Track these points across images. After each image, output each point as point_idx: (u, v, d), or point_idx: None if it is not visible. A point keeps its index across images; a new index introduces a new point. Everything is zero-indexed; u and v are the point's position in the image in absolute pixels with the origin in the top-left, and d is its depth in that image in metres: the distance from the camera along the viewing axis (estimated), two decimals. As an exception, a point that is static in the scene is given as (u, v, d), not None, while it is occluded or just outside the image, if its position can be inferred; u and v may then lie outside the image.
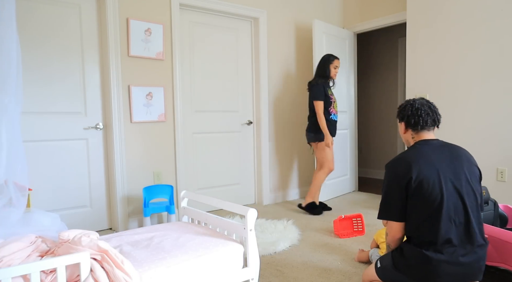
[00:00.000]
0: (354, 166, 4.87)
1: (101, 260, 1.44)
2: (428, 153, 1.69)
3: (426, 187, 1.61)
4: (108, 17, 3.09)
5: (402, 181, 1.65)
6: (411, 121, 1.79)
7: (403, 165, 1.67)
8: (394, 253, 1.75)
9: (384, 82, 5.77)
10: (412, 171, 1.63)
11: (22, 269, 1.27)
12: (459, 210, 1.62)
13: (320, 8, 4.57)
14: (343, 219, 3.03)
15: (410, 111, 1.79)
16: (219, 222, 2.12)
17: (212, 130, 3.88)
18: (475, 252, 1.61)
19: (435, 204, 1.60)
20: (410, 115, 1.79)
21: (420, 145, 1.74)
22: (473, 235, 1.62)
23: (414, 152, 1.71)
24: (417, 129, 1.79)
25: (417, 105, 1.78)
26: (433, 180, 1.62)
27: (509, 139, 3.09)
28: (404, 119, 1.82)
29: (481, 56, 3.22)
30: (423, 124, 1.77)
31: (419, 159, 1.66)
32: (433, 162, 1.66)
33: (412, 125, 1.79)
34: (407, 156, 1.70)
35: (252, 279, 1.93)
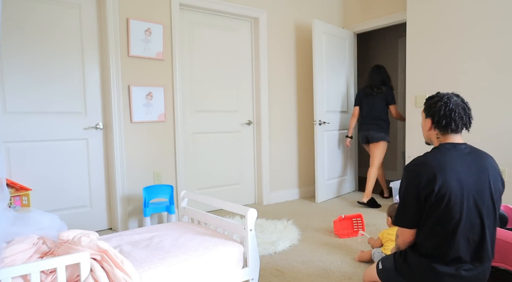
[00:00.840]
0: (354, 166, 4.87)
1: (101, 260, 1.45)
2: (455, 162, 1.53)
3: (447, 202, 1.48)
4: (108, 17, 3.09)
5: (422, 191, 1.51)
6: (442, 123, 1.58)
7: (427, 174, 1.50)
8: (397, 258, 1.69)
9: (384, 82, 5.77)
10: (436, 183, 1.48)
11: (22, 269, 1.27)
12: (476, 229, 1.52)
13: (320, 8, 4.57)
14: (343, 219, 3.03)
15: (442, 110, 1.58)
16: (219, 222, 2.12)
17: (212, 130, 3.88)
18: (482, 267, 1.56)
19: (453, 221, 1.49)
20: (442, 116, 1.58)
21: (447, 150, 1.57)
22: (485, 253, 1.54)
23: (441, 158, 1.54)
24: (446, 132, 1.60)
25: (451, 106, 1.57)
26: (455, 196, 1.48)
27: (509, 139, 3.09)
28: (433, 118, 1.61)
29: (481, 56, 3.22)
30: (454, 128, 1.58)
31: (446, 169, 1.50)
32: (459, 174, 1.50)
33: (441, 127, 1.59)
34: (433, 161, 1.53)
35: (252, 279, 1.94)
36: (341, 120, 4.58)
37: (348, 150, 4.74)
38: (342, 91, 4.59)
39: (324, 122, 4.23)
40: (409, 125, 3.77)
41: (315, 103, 4.14)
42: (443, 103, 1.59)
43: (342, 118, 4.60)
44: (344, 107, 4.63)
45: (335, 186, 4.48)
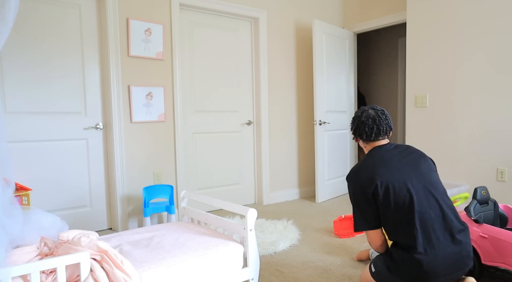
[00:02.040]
0: (354, 166, 4.87)
1: (100, 260, 1.45)
2: (384, 158, 1.75)
3: (393, 190, 1.64)
4: (108, 17, 3.09)
5: (368, 190, 1.68)
6: (357, 133, 1.88)
7: (365, 175, 1.71)
8: (385, 257, 1.76)
9: (384, 82, 5.77)
10: (376, 178, 1.67)
11: (22, 269, 1.27)
12: (432, 203, 1.65)
13: (320, 8, 4.57)
14: (343, 219, 3.03)
15: (356, 123, 1.88)
16: (219, 222, 2.12)
17: (212, 130, 3.88)
18: (459, 241, 1.64)
19: (406, 204, 1.63)
20: (356, 129, 1.87)
21: (374, 152, 1.81)
22: (450, 223, 1.64)
23: (371, 159, 1.76)
24: (366, 140, 1.87)
25: (363, 119, 1.85)
26: (398, 182, 1.66)
27: (509, 139, 3.09)
28: (352, 130, 1.92)
29: (482, 55, 3.22)
30: (368, 138, 1.84)
31: (379, 166, 1.71)
32: (391, 165, 1.71)
33: (360, 137, 1.88)
34: (366, 164, 1.75)
35: (252, 279, 1.93)
36: (341, 120, 4.58)
37: (348, 150, 4.74)
38: (342, 91, 4.59)
39: (324, 122, 4.23)
40: (409, 125, 3.77)
41: (315, 103, 4.14)
42: (357, 117, 1.89)
43: (342, 118, 4.60)
44: (344, 107, 4.63)
45: (335, 186, 4.48)
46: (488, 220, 2.19)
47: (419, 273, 1.62)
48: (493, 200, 2.24)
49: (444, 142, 3.47)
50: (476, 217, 2.07)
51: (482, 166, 3.24)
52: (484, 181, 3.21)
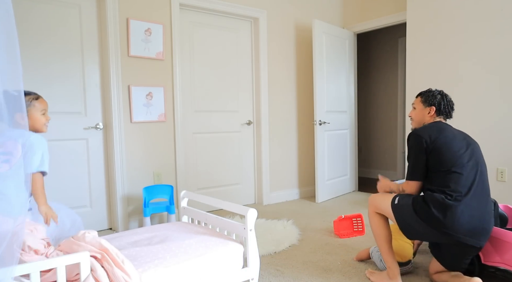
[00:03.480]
0: (354, 166, 4.87)
1: (101, 259, 1.45)
2: (450, 128, 2.01)
3: (456, 143, 1.91)
4: (108, 17, 3.09)
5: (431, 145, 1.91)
6: (445, 110, 2.08)
7: (432, 133, 1.95)
8: (415, 197, 1.93)
9: (384, 82, 5.77)
10: (444, 130, 1.95)
11: (22, 269, 1.27)
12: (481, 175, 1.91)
13: (320, 8, 4.57)
14: (343, 219, 3.03)
15: (444, 101, 2.08)
16: (219, 222, 2.12)
17: (212, 130, 3.88)
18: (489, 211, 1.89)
19: (464, 159, 1.87)
20: (446, 105, 2.07)
21: (443, 122, 2.06)
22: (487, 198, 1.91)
23: (438, 124, 2.02)
24: (446, 117, 2.09)
25: (449, 98, 2.09)
26: (460, 143, 1.92)
27: (509, 139, 3.09)
28: (437, 106, 2.07)
29: (482, 55, 3.22)
30: (450, 115, 2.10)
31: (445, 129, 1.98)
32: (456, 133, 1.98)
33: (443, 113, 2.08)
34: (433, 126, 2.01)
35: (252, 279, 1.93)
36: (341, 120, 4.58)
37: (348, 150, 4.74)
38: (342, 91, 4.59)
39: (324, 122, 4.23)
40: (409, 125, 3.77)
41: (315, 103, 4.14)
42: (443, 96, 2.10)
43: (342, 118, 4.60)
44: (344, 107, 4.63)
45: (335, 186, 4.48)
46: (488, 220, 2.18)
47: (443, 221, 1.80)
48: (493, 200, 2.24)
49: (444, 142, 3.46)
50: (476, 217, 2.07)
51: (482, 166, 3.23)
52: (484, 181, 3.20)
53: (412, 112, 2.20)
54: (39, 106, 1.85)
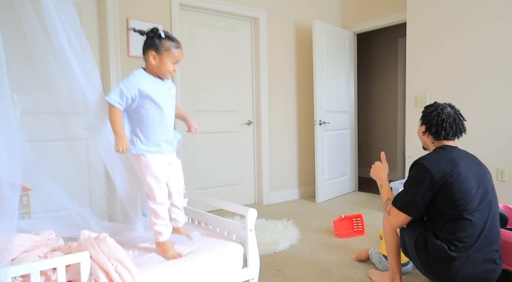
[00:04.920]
0: (354, 166, 4.87)
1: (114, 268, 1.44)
2: (460, 156, 1.72)
3: (466, 185, 1.63)
4: (108, 17, 3.09)
5: (440, 181, 1.64)
6: (432, 130, 1.81)
7: (445, 162, 1.67)
8: (418, 238, 1.73)
9: (384, 82, 5.77)
10: (457, 167, 1.65)
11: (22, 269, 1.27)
12: (492, 213, 1.68)
13: (320, 8, 4.57)
14: (343, 219, 3.02)
15: (435, 119, 1.79)
16: (219, 222, 2.12)
17: (212, 130, 3.88)
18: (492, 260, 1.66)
19: (474, 203, 1.63)
20: (434, 124, 1.79)
21: (449, 149, 1.77)
22: (493, 244, 1.67)
23: (448, 154, 1.73)
24: (439, 138, 1.82)
25: (443, 116, 1.77)
26: (471, 182, 1.65)
27: (509, 139, 3.09)
28: (427, 125, 1.83)
29: (481, 55, 3.22)
30: (445, 136, 1.79)
31: (456, 160, 1.68)
32: (466, 165, 1.69)
33: (434, 134, 1.82)
34: (443, 156, 1.72)
35: (252, 279, 1.93)
36: (341, 120, 4.58)
37: (348, 150, 4.74)
38: (342, 91, 4.59)
39: (324, 122, 4.23)
40: (409, 125, 3.77)
41: (315, 103, 4.14)
42: (436, 113, 1.80)
43: (342, 118, 4.60)
44: (344, 107, 4.63)
45: (335, 186, 4.48)
46: (488, 220, 2.18)
47: (439, 271, 1.64)
48: (493, 200, 2.24)
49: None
50: (476, 217, 2.07)
51: (482, 166, 3.23)
52: (484, 181, 3.20)
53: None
54: (175, 54, 1.92)
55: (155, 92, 1.83)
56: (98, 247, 1.45)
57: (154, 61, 1.87)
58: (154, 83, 1.87)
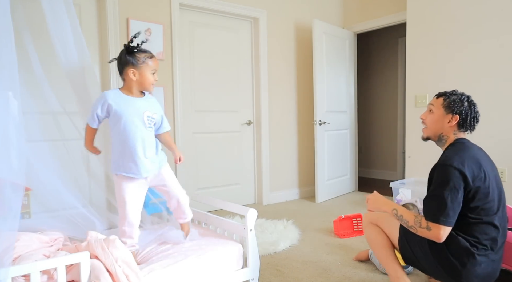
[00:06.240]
0: (354, 166, 4.87)
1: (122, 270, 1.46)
2: (480, 155, 1.63)
3: (491, 192, 1.55)
4: (108, 17, 3.09)
5: (472, 185, 1.52)
6: (471, 124, 1.68)
7: (472, 168, 1.54)
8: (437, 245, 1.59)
9: (384, 82, 5.77)
10: (482, 175, 1.54)
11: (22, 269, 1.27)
12: (504, 215, 1.61)
13: (320, 8, 4.57)
14: (343, 219, 3.02)
15: (472, 111, 1.67)
16: (219, 222, 2.12)
17: (212, 130, 3.88)
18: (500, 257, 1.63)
19: (494, 209, 1.56)
20: (473, 117, 1.67)
21: (471, 145, 1.67)
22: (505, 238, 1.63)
23: (471, 152, 1.61)
24: (469, 129, 1.70)
25: (477, 109, 1.69)
26: (493, 183, 1.57)
27: (509, 139, 3.09)
28: (463, 116, 1.66)
29: (482, 55, 3.22)
30: (474, 128, 1.71)
31: (481, 161, 1.58)
32: (487, 164, 1.61)
33: (467, 125, 1.68)
34: (468, 154, 1.58)
35: (252, 279, 1.93)
36: (341, 120, 4.58)
37: (348, 150, 4.74)
38: (342, 91, 4.59)
39: (324, 122, 4.23)
40: (409, 125, 3.77)
41: (315, 103, 4.14)
42: (471, 104, 1.68)
43: (342, 118, 4.60)
44: (344, 107, 4.63)
45: (335, 186, 4.48)
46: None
47: (460, 270, 1.54)
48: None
49: (444, 142, 3.46)
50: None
51: (482, 166, 3.23)
52: (484, 181, 3.20)
53: (426, 115, 1.77)
54: (151, 65, 1.91)
55: (123, 112, 1.81)
56: (107, 248, 1.46)
57: (135, 77, 1.85)
58: (123, 102, 1.83)
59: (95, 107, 1.83)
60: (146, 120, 1.87)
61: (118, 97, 1.84)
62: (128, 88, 1.88)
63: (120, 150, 1.82)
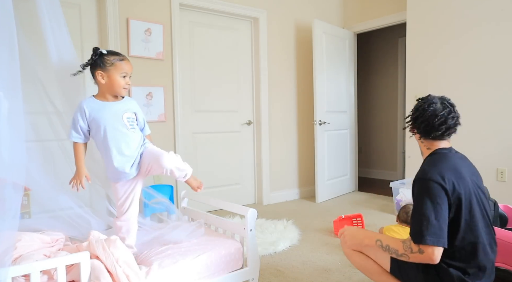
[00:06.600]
0: (354, 166, 4.87)
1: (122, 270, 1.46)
2: (461, 164, 1.46)
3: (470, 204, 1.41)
4: (108, 17, 3.09)
5: (451, 198, 1.38)
6: (423, 128, 1.50)
7: (450, 177, 1.39)
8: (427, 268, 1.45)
9: (384, 82, 5.77)
10: (460, 186, 1.39)
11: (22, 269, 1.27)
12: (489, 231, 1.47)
13: (320, 8, 4.57)
14: (343, 219, 3.02)
15: (422, 117, 1.49)
16: (219, 222, 2.12)
17: (212, 130, 3.88)
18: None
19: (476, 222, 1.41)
20: (423, 121, 1.49)
21: (449, 154, 1.49)
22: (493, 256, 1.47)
23: (450, 162, 1.45)
24: (430, 136, 1.50)
25: (429, 112, 1.47)
26: (472, 197, 1.42)
27: (509, 139, 3.09)
28: (418, 128, 1.52)
29: (481, 56, 3.22)
30: (438, 133, 1.48)
31: (461, 172, 1.42)
32: (466, 176, 1.45)
33: (426, 133, 1.50)
34: (448, 166, 1.43)
35: (252, 279, 1.93)
36: (341, 120, 4.58)
37: (348, 150, 4.74)
38: (342, 91, 4.59)
39: (324, 122, 4.23)
40: (409, 125, 3.77)
41: (315, 103, 4.14)
42: (421, 110, 1.51)
43: (342, 118, 4.60)
44: (344, 107, 4.63)
45: (335, 186, 4.48)
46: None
47: None
48: (493, 200, 2.24)
49: (444, 142, 3.46)
50: (476, 217, 2.06)
51: (482, 166, 3.22)
52: (484, 181, 3.19)
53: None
54: (121, 67, 1.81)
55: (101, 118, 1.80)
56: (108, 248, 1.46)
57: (103, 80, 1.80)
58: (99, 108, 1.82)
59: (75, 120, 1.82)
60: (127, 122, 1.83)
61: (94, 104, 1.82)
62: (101, 93, 1.85)
63: (103, 156, 1.84)
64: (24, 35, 2.76)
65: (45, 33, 1.99)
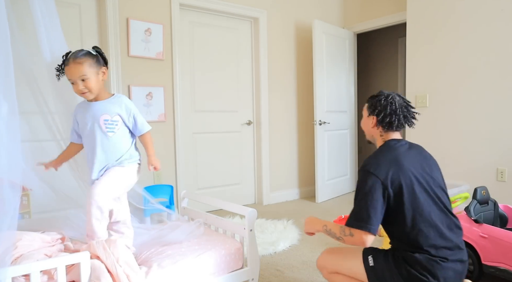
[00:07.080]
0: (354, 166, 4.87)
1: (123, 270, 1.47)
2: (405, 155, 1.56)
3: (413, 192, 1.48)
4: (108, 17, 3.09)
5: (390, 188, 1.48)
6: (385, 120, 1.59)
7: (388, 168, 1.49)
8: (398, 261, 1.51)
9: (384, 82, 5.77)
10: (400, 177, 1.48)
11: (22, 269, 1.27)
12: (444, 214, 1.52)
13: (320, 8, 4.57)
14: (343, 219, 2.99)
15: (388, 109, 1.59)
16: (219, 222, 2.12)
17: (212, 130, 3.88)
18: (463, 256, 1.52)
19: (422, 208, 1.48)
20: (387, 114, 1.59)
21: (396, 146, 1.59)
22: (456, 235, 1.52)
23: (393, 153, 1.56)
24: (391, 129, 1.61)
25: (396, 105, 1.59)
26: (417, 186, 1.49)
27: (509, 139, 3.09)
28: (378, 116, 1.61)
29: (482, 56, 3.22)
30: (399, 126, 1.61)
31: (402, 163, 1.51)
32: (410, 166, 1.52)
33: (384, 125, 1.61)
34: (390, 153, 1.55)
35: (252, 279, 1.93)
36: (341, 120, 4.58)
37: (348, 150, 4.74)
38: (342, 91, 4.59)
39: (324, 122, 4.23)
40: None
41: (315, 103, 4.14)
42: (388, 103, 1.60)
43: (342, 118, 4.60)
44: (344, 107, 4.63)
45: (335, 186, 4.48)
46: (488, 220, 2.19)
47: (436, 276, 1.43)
48: (493, 200, 2.24)
49: (444, 142, 3.46)
50: (476, 217, 2.07)
51: (482, 166, 3.23)
52: (484, 181, 3.20)
53: (361, 121, 1.76)
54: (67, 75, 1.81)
55: (81, 120, 1.81)
56: (109, 248, 1.47)
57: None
58: (82, 110, 1.81)
59: (72, 121, 1.87)
60: (103, 124, 1.74)
61: (82, 104, 1.82)
62: None
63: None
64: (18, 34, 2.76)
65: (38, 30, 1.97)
